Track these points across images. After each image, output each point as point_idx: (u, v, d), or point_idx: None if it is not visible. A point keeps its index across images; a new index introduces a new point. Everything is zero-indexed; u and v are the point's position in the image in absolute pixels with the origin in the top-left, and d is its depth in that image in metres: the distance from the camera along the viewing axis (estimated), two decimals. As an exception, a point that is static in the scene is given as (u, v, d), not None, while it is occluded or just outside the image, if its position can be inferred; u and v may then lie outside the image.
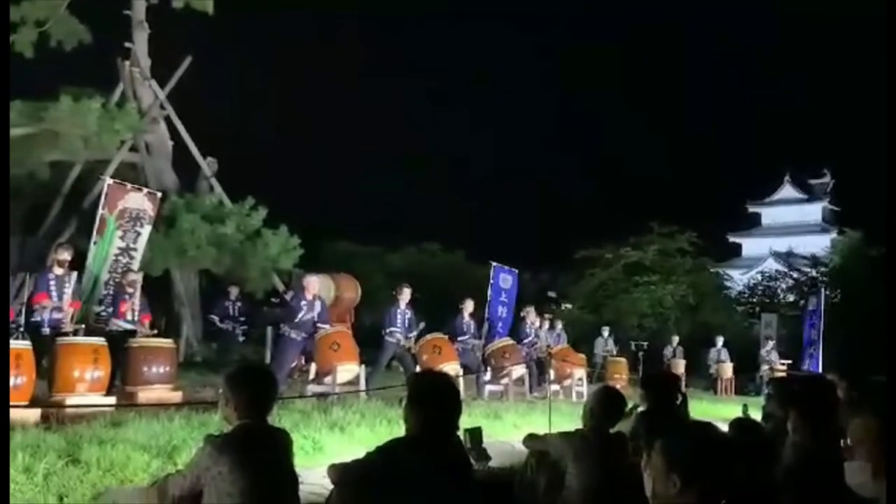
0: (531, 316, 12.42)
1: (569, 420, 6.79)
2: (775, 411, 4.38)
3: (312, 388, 8.69)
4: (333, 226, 23.57)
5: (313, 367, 9.05)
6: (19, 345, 6.42)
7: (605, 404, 4.18)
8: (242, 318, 12.74)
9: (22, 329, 7.66)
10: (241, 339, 12.57)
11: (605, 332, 16.88)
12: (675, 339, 17.37)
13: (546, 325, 13.34)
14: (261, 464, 2.94)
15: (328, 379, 8.80)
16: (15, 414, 5.97)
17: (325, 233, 21.48)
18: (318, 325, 9.26)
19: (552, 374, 11.19)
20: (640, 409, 4.90)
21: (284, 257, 13.27)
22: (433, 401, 3.12)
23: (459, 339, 10.74)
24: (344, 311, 12.53)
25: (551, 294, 22.41)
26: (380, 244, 23.86)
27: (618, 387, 5.60)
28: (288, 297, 11.58)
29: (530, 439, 4.67)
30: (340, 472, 3.21)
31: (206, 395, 8.34)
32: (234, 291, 12.61)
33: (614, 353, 16.16)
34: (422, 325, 10.10)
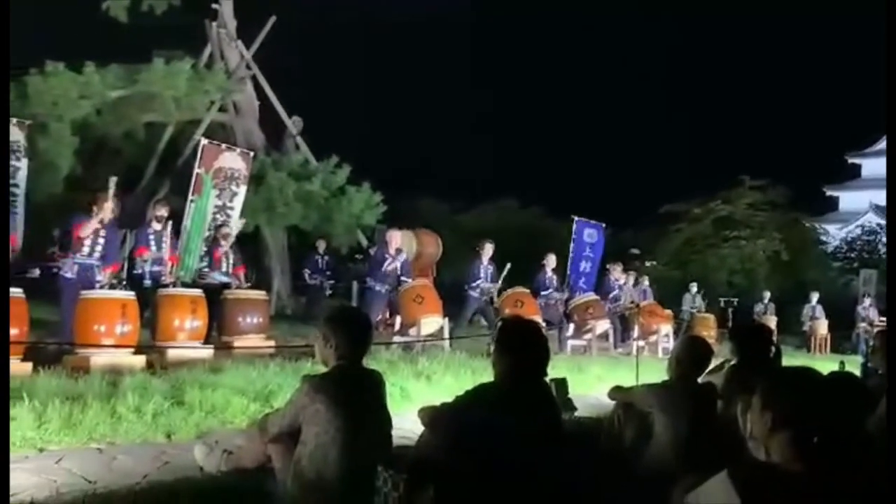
0: (616, 272, 12.26)
1: (655, 375, 6.68)
2: (879, 365, 4.19)
3: (398, 340, 8.88)
4: (414, 183, 23.71)
5: (398, 320, 9.23)
6: (124, 295, 6.81)
7: (691, 353, 4.11)
8: (329, 273, 13.20)
9: (125, 282, 8.11)
10: (328, 293, 13.01)
11: (693, 288, 16.46)
12: (767, 295, 16.79)
13: (630, 280, 13.12)
14: (356, 403, 3.05)
15: (413, 331, 8.98)
16: (123, 359, 6.41)
17: (406, 190, 21.67)
18: (402, 278, 9.46)
19: (638, 329, 11.06)
20: (732, 362, 4.79)
21: (368, 213, 13.49)
22: (521, 347, 3.14)
23: (542, 293, 10.75)
24: (426, 267, 12.67)
25: (634, 251, 21.96)
26: (459, 201, 23.94)
27: (705, 341, 5.48)
28: (372, 252, 11.83)
29: (616, 391, 4.65)
30: (431, 415, 3.29)
31: (296, 345, 8.65)
32: (321, 245, 13.10)
33: (702, 309, 15.76)
34: (501, 279, 10.16)
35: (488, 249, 10.36)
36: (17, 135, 9.26)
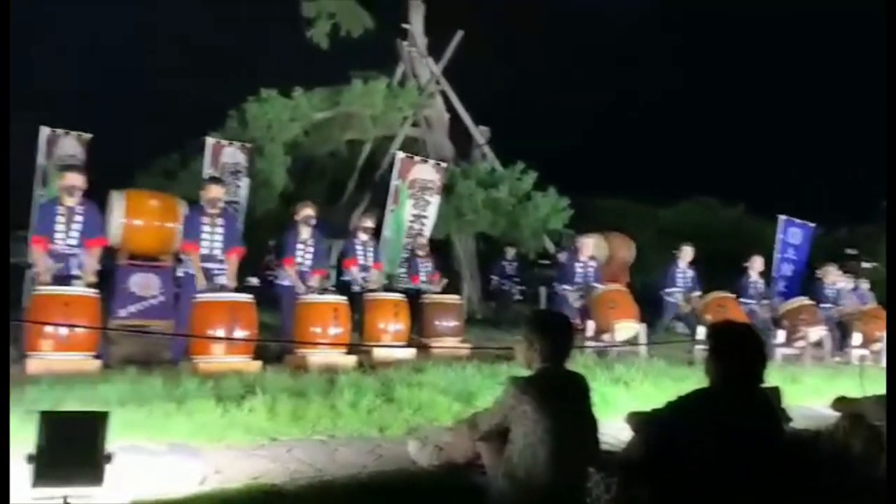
0: (831, 274, 11.25)
1: (882, 386, 6.07)
2: None
3: (593, 345, 8.78)
4: (603, 183, 23.05)
5: (590, 325, 9.13)
6: (336, 299, 7.37)
7: None
8: (518, 279, 13.37)
9: (331, 287, 8.75)
10: (517, 298, 13.16)
11: (922, 291, 14.64)
12: None
13: (847, 284, 11.97)
14: (562, 405, 3.08)
15: (606, 336, 8.83)
16: (337, 359, 6.95)
17: (595, 190, 21.21)
18: (593, 284, 9.36)
19: (860, 337, 10.07)
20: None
21: (554, 218, 13.47)
22: (734, 351, 3.00)
23: (746, 298, 10.12)
24: (618, 271, 12.42)
25: (851, 251, 19.95)
26: (652, 200, 22.92)
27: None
28: (560, 257, 11.80)
29: (841, 402, 4.32)
30: (640, 421, 3.24)
31: (491, 349, 8.85)
32: (510, 252, 13.31)
33: (935, 314, 13.96)
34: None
35: (687, 253, 9.95)
36: (239, 157, 10.31)
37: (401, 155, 10.84)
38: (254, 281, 12.57)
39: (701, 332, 8.48)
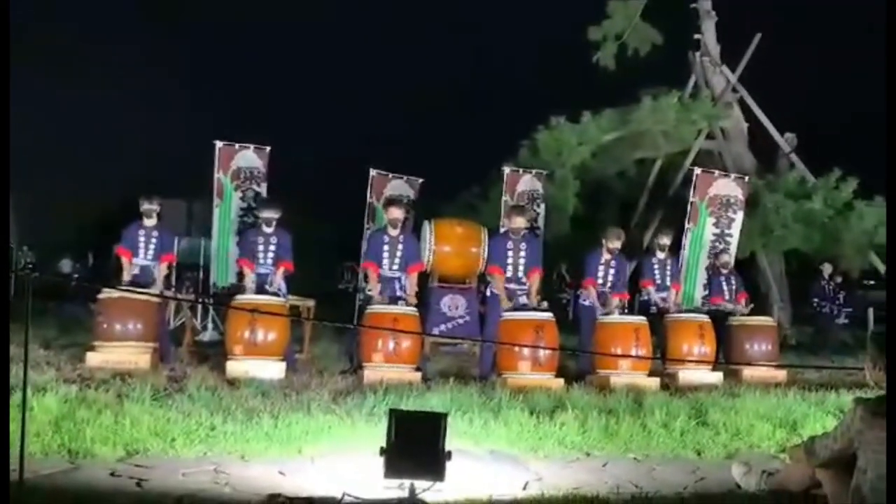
0: None
1: None
2: None
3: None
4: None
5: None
6: (637, 320, 7.34)
7: None
8: (838, 300, 12.01)
9: (626, 308, 8.56)
10: (841, 321, 11.83)
11: None
12: None
13: None
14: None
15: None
16: (640, 380, 6.88)
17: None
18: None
19: None
20: None
21: (883, 230, 11.83)
22: None
23: None
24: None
25: None
26: None
27: None
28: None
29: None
30: None
31: (809, 376, 8.04)
32: (826, 269, 12.03)
33: None
34: None
35: None
36: (536, 184, 10.60)
37: (698, 170, 10.35)
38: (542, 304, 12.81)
39: None
